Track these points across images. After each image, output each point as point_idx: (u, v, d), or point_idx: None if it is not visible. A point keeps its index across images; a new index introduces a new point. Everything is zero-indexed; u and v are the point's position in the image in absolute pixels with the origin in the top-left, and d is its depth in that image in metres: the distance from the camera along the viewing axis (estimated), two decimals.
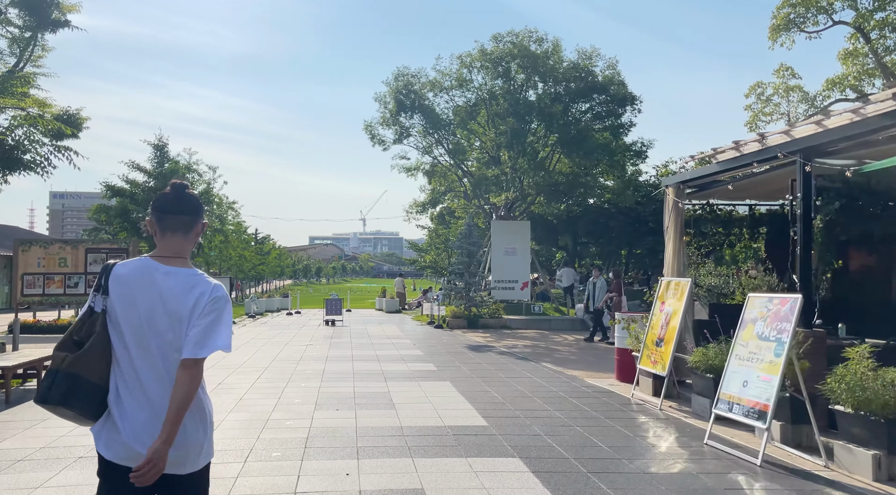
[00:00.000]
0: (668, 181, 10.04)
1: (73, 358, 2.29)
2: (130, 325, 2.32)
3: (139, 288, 2.33)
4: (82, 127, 15.31)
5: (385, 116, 23.38)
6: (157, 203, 2.47)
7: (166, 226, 2.43)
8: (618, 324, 9.87)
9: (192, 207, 2.47)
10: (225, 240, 38.13)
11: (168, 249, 2.43)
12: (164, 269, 2.36)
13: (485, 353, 13.53)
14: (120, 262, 2.43)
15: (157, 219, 2.44)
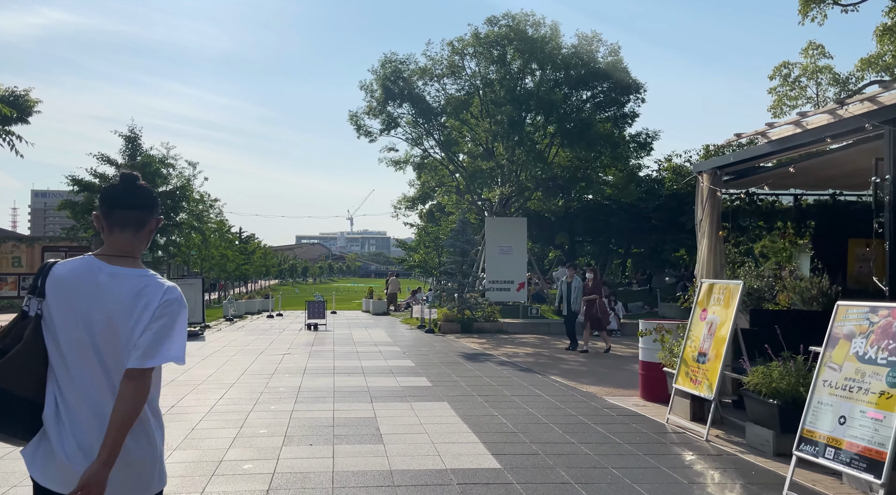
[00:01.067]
0: (703, 166, 8.61)
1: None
2: (68, 333, 2.06)
3: (79, 290, 2.07)
4: (32, 111, 13.72)
5: (371, 105, 21.87)
6: (104, 195, 2.19)
7: (115, 221, 2.16)
8: (647, 335, 8.41)
9: (144, 201, 2.19)
10: (204, 239, 36.41)
11: (115, 247, 2.16)
12: (109, 270, 2.11)
13: (483, 363, 12.08)
14: (60, 262, 2.14)
15: (105, 214, 2.16)
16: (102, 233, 2.20)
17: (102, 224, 2.19)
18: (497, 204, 22.18)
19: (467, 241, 19.29)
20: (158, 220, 2.24)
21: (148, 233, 2.21)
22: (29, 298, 2.11)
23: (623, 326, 18.56)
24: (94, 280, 2.08)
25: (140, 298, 2.07)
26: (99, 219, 2.18)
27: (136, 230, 2.17)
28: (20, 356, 2.04)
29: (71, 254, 17.95)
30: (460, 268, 19.26)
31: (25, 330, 2.07)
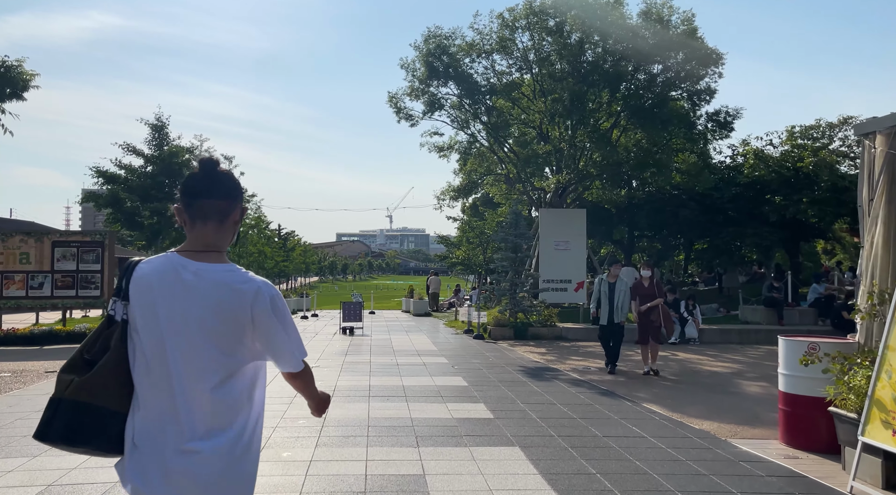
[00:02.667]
0: (876, 125, 6.20)
1: (80, 382, 1.81)
2: (151, 339, 1.85)
3: (163, 291, 1.86)
4: (28, 85, 12.10)
5: (413, 86, 19.80)
6: (184, 186, 1.97)
7: (196, 213, 1.93)
8: (812, 361, 6.03)
9: (226, 189, 1.96)
10: (240, 236, 35.03)
11: (199, 242, 1.94)
12: (193, 267, 1.88)
13: (551, 383, 9.87)
14: (143, 260, 1.94)
15: (185, 205, 1.95)
16: (185, 227, 1.96)
17: (184, 217, 1.96)
18: (552, 194, 19.86)
19: (520, 235, 17.05)
20: (243, 210, 1.99)
21: (233, 224, 1.97)
22: (114, 301, 1.90)
23: (701, 333, 16.09)
24: (178, 279, 1.88)
25: (232, 299, 1.85)
26: (180, 211, 1.96)
27: (219, 222, 1.94)
28: (107, 367, 1.83)
29: (84, 249, 16.37)
30: (512, 265, 17.04)
31: (112, 338, 1.87)
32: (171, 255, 1.93)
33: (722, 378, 10.70)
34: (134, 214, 22.42)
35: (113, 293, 1.93)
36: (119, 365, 1.86)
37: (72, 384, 1.84)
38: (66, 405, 1.82)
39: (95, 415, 1.82)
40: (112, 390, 1.84)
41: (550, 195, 19.70)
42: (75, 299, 15.38)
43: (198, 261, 1.90)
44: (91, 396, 1.81)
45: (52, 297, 15.26)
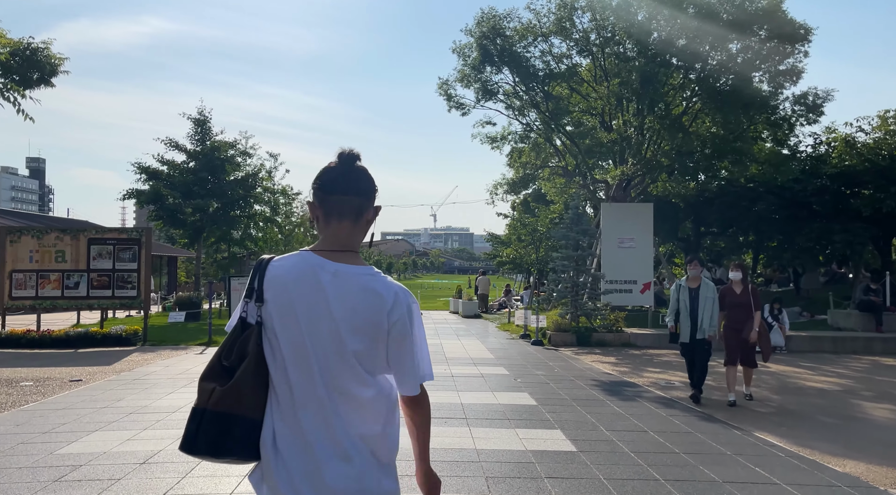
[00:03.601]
0: None
1: (222, 392, 1.69)
2: (291, 344, 1.71)
3: (301, 292, 1.73)
4: (57, 70, 11.31)
5: (464, 72, 18.52)
6: (319, 180, 1.81)
7: (331, 209, 1.80)
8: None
9: (363, 185, 1.82)
10: (282, 233, 34.41)
11: (335, 240, 1.80)
12: (331, 267, 1.75)
13: (634, 402, 8.46)
14: (276, 259, 1.81)
15: (321, 201, 1.81)
16: (317, 225, 1.83)
17: (318, 213, 1.82)
18: (615, 187, 18.30)
19: (582, 232, 15.59)
20: (377, 210, 1.85)
21: (366, 223, 1.84)
22: (246, 303, 1.77)
23: (788, 340, 14.34)
24: (316, 280, 1.74)
25: (370, 302, 1.73)
26: (314, 207, 1.83)
27: (354, 220, 1.81)
28: (247, 374, 1.70)
29: (121, 247, 15.64)
30: (574, 264, 15.59)
31: (249, 343, 1.73)
32: (305, 254, 1.80)
33: (834, 398, 9.09)
34: (176, 211, 21.83)
35: (245, 294, 1.78)
36: (258, 371, 1.72)
37: (214, 393, 1.72)
38: (210, 416, 1.71)
39: (239, 425, 1.70)
40: (252, 398, 1.71)
41: (613, 188, 18.15)
42: (111, 300, 14.65)
43: (336, 262, 1.77)
44: (233, 406, 1.69)
45: (87, 298, 14.56)
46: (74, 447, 5.90)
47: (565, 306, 15.47)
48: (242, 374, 1.70)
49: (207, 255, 31.14)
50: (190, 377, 9.85)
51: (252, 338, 1.73)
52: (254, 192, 24.19)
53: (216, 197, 22.17)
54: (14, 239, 14.35)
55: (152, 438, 6.23)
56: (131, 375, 10.12)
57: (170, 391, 8.70)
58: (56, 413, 7.35)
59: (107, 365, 11.28)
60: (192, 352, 13.18)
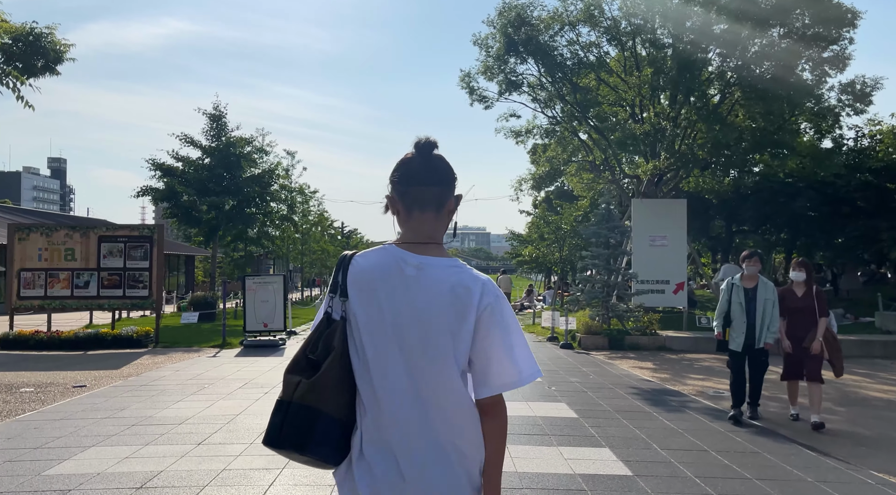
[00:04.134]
0: None
1: (308, 385, 1.65)
2: (374, 341, 1.65)
3: (385, 286, 1.67)
4: (63, 57, 10.76)
5: (487, 63, 17.77)
6: (398, 171, 1.75)
7: (413, 201, 1.74)
8: None
9: (443, 175, 1.76)
10: (299, 231, 33.93)
11: (418, 233, 1.73)
12: (415, 260, 1.69)
13: (683, 414, 7.67)
14: (360, 253, 1.77)
15: (400, 194, 1.75)
16: (397, 219, 1.77)
17: (398, 207, 1.76)
18: (646, 183, 17.45)
19: (613, 229, 14.76)
20: (458, 199, 1.78)
21: (448, 213, 1.77)
22: (330, 298, 1.74)
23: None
24: (400, 273, 1.67)
25: (458, 296, 1.64)
26: (393, 200, 1.77)
27: (437, 211, 1.75)
28: (332, 370, 1.66)
29: (132, 244, 15.08)
30: (606, 263, 14.77)
31: (334, 337, 1.68)
32: (389, 248, 1.74)
33: None
34: (191, 209, 21.32)
35: (329, 289, 1.75)
36: (343, 367, 1.67)
37: (299, 386, 1.67)
38: (296, 409, 1.65)
39: (322, 421, 1.64)
40: (336, 394, 1.66)
41: (645, 183, 17.30)
42: (122, 299, 14.11)
43: (420, 255, 1.70)
44: (318, 400, 1.64)
45: (98, 297, 14.02)
46: (66, 466, 5.26)
47: (596, 307, 14.66)
48: (328, 369, 1.65)
49: (225, 254, 30.74)
50: (200, 383, 9.22)
51: (337, 333, 1.68)
52: (270, 190, 23.63)
53: (232, 194, 21.63)
54: (23, 236, 13.85)
55: (154, 456, 5.57)
56: (139, 380, 9.51)
57: (178, 399, 8.06)
58: (52, 424, 6.73)
59: (114, 368, 10.70)
60: (204, 355, 12.58)
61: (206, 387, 8.86)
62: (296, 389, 1.66)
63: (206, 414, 7.19)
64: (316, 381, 1.64)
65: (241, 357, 12.40)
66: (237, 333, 15.06)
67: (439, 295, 1.63)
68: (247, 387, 8.90)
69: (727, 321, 7.37)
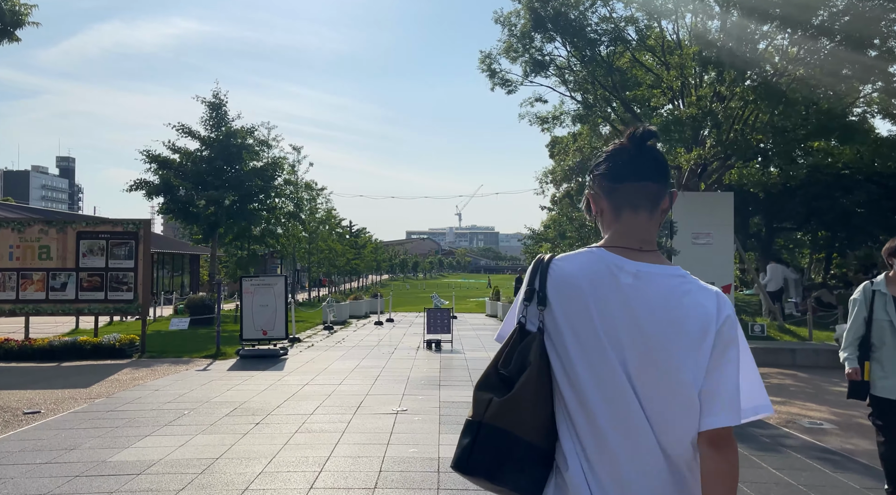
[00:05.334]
0: None
1: (500, 404, 1.44)
2: (588, 359, 1.43)
3: (596, 296, 1.44)
4: (23, 22, 9.23)
5: (510, 43, 16.11)
6: (606, 164, 1.52)
7: (623, 199, 1.51)
8: None
9: (659, 169, 1.52)
10: (305, 228, 32.40)
11: (631, 236, 1.50)
12: (632, 268, 1.45)
13: (784, 456, 5.98)
14: (559, 257, 1.53)
15: (607, 191, 1.52)
16: (601, 219, 1.55)
17: (603, 205, 1.54)
18: (686, 174, 15.72)
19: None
20: (672, 196, 1.54)
21: (661, 214, 1.53)
22: (525, 306, 1.50)
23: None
24: (615, 282, 1.44)
25: (688, 311, 1.40)
26: (597, 198, 1.54)
27: (651, 211, 1.51)
28: (528, 388, 1.44)
29: (115, 241, 13.50)
30: None
31: (529, 351, 1.46)
32: (597, 251, 1.50)
33: None
34: (188, 204, 19.77)
35: (524, 296, 1.51)
36: (540, 386, 1.45)
37: (490, 405, 1.46)
38: (487, 431, 1.45)
39: (518, 447, 1.43)
40: (532, 417, 1.44)
41: (685, 175, 15.58)
42: (104, 303, 12.54)
43: (637, 261, 1.46)
44: (512, 422, 1.43)
45: (76, 301, 12.47)
46: None
47: None
48: (522, 387, 1.44)
49: (228, 254, 29.27)
50: (179, 408, 7.62)
51: (534, 346, 1.46)
52: (274, 184, 22.06)
53: (232, 188, 20.07)
54: None
55: None
56: (107, 404, 7.92)
57: (147, 432, 6.46)
58: None
59: (84, 387, 9.12)
60: (193, 368, 11.00)
61: (185, 415, 7.26)
62: (487, 408, 1.45)
63: (177, 457, 5.58)
64: (509, 400, 1.43)
65: (234, 370, 10.82)
66: (233, 342, 13.49)
67: (666, 308, 1.40)
68: (235, 415, 7.30)
69: (865, 350, 4.70)
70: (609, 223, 1.53)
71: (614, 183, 1.50)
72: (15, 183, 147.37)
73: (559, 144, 21.89)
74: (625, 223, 1.50)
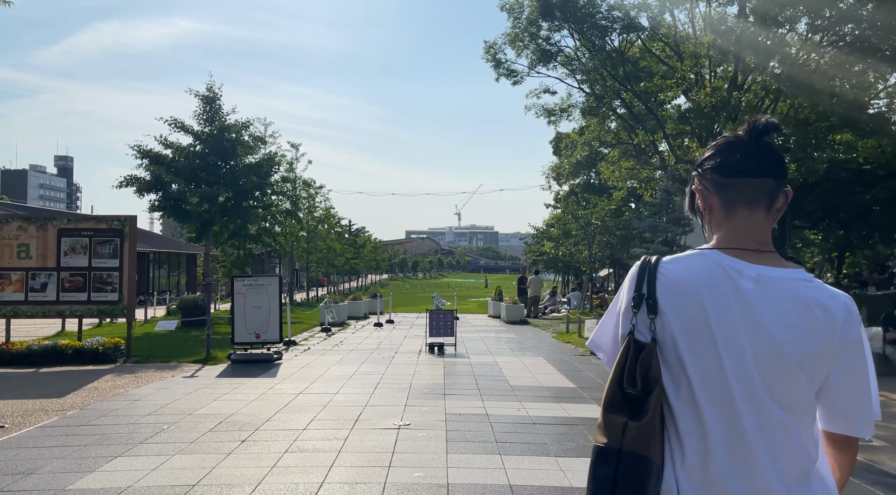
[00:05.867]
0: None
1: (639, 428, 1.30)
2: (702, 369, 1.32)
3: (713, 303, 1.32)
4: None
5: (516, 33, 15.40)
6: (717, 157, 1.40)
7: (738, 196, 1.38)
8: None
9: (776, 164, 1.39)
10: (302, 226, 31.69)
11: (745, 236, 1.37)
12: (753, 272, 1.33)
13: None
14: (668, 259, 1.41)
15: (718, 186, 1.39)
16: (708, 217, 1.43)
17: (713, 202, 1.41)
18: None
19: (675, 222, 12.34)
20: (787, 195, 1.40)
21: (776, 213, 1.40)
22: (633, 313, 1.37)
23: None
24: (734, 287, 1.32)
25: (817, 319, 1.29)
26: (705, 194, 1.41)
27: (767, 209, 1.38)
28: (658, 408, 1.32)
29: (98, 238, 12.76)
30: None
31: (650, 366, 1.33)
32: (710, 254, 1.38)
33: None
34: (180, 201, 19.04)
35: (631, 303, 1.38)
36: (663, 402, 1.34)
37: (627, 430, 1.31)
38: (630, 460, 1.29)
39: (652, 472, 1.30)
40: (659, 438, 1.32)
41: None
42: (87, 305, 11.83)
43: (756, 264, 1.34)
44: (647, 447, 1.30)
45: (57, 302, 11.76)
46: None
47: None
48: (656, 408, 1.32)
49: (226, 253, 28.57)
50: (159, 422, 6.90)
51: (653, 361, 1.34)
52: (270, 181, 21.33)
53: (227, 185, 19.34)
54: None
55: None
56: (80, 417, 7.21)
57: (118, 451, 5.75)
58: None
59: (59, 396, 8.40)
60: (181, 374, 10.29)
61: (164, 430, 6.55)
62: (623, 433, 1.31)
63: (148, 483, 4.87)
64: (646, 425, 1.30)
65: (224, 377, 10.10)
66: (224, 345, 12.79)
67: (793, 316, 1.29)
68: (220, 430, 6.58)
69: None
70: (719, 222, 1.41)
71: (727, 178, 1.38)
72: (13, 182, 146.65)
73: (565, 140, 21.19)
74: (739, 222, 1.38)
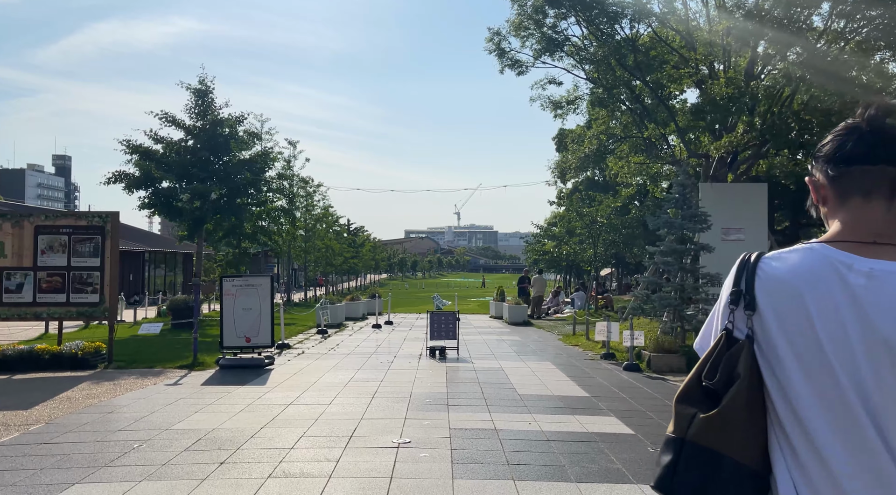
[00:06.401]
0: None
1: (705, 420, 1.24)
2: (805, 369, 1.20)
3: (818, 299, 1.20)
4: None
5: (521, 20, 14.70)
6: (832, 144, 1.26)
7: (853, 185, 1.24)
8: None
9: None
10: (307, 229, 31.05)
11: (861, 228, 1.23)
12: (864, 266, 1.19)
13: None
14: (769, 254, 1.28)
15: (834, 177, 1.26)
16: (821, 207, 1.29)
17: (827, 192, 1.28)
18: (714, 163, 14.33)
19: (691, 219, 11.65)
20: None
21: None
22: (731, 310, 1.26)
23: None
24: (842, 283, 1.19)
25: None
26: (818, 185, 1.29)
27: (890, 199, 1.22)
28: (736, 403, 1.22)
29: (77, 236, 12.00)
30: (679, 261, 11.67)
31: (738, 361, 1.23)
32: (818, 248, 1.24)
33: None
34: (172, 198, 18.34)
35: (729, 299, 1.26)
36: (752, 401, 1.23)
37: (694, 421, 1.26)
38: (691, 450, 1.25)
39: (727, 469, 1.22)
40: (742, 436, 1.23)
41: (714, 164, 14.19)
42: (66, 307, 11.12)
43: (869, 258, 1.20)
44: (720, 441, 1.22)
45: (34, 304, 11.05)
46: None
47: (670, 316, 11.57)
48: (730, 402, 1.23)
49: (218, 251, 27.87)
50: (129, 439, 6.19)
51: (742, 356, 1.23)
52: (265, 177, 20.62)
53: (220, 181, 18.65)
54: None
55: None
56: (44, 433, 6.50)
57: (78, 476, 5.04)
58: None
59: (24, 408, 7.69)
60: (163, 381, 9.59)
61: (134, 449, 5.84)
62: (690, 424, 1.26)
63: None
64: (715, 417, 1.23)
65: (209, 385, 9.40)
66: (212, 349, 12.09)
67: None
68: (197, 449, 5.87)
69: None
70: (833, 213, 1.27)
71: (841, 165, 1.23)
72: (11, 181, 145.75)
73: (569, 135, 20.50)
74: (853, 212, 1.24)
